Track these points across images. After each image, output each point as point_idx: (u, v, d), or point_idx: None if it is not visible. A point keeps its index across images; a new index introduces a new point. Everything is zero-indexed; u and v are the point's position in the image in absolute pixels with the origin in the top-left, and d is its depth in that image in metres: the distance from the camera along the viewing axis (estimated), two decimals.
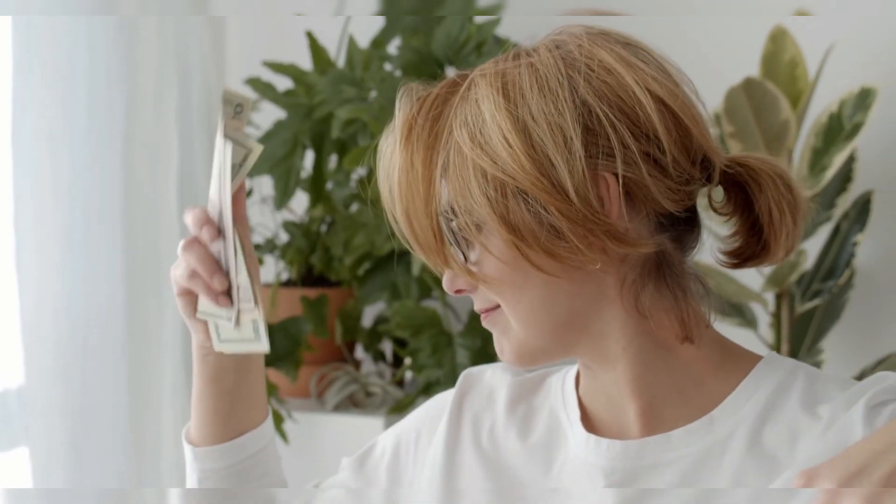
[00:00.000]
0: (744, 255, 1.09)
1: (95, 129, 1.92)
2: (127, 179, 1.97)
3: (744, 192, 1.07)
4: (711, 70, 1.67)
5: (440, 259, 1.06)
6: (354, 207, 2.13)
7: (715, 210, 1.09)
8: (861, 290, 1.99)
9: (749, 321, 1.98)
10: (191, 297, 1.11)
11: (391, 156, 1.06)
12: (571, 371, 1.15)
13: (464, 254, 1.05)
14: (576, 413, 1.12)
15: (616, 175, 1.01)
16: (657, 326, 1.06)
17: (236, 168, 1.07)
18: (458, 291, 1.09)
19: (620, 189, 1.01)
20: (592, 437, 1.09)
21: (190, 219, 1.09)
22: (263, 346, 1.07)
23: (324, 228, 2.19)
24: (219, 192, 1.08)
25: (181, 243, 1.09)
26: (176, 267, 1.11)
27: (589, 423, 1.11)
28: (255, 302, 1.06)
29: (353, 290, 2.16)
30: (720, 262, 1.10)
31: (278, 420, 2.03)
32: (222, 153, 1.06)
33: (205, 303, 1.10)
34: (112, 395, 1.96)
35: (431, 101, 1.05)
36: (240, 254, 1.07)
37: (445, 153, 1.03)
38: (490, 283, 1.05)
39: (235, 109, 1.06)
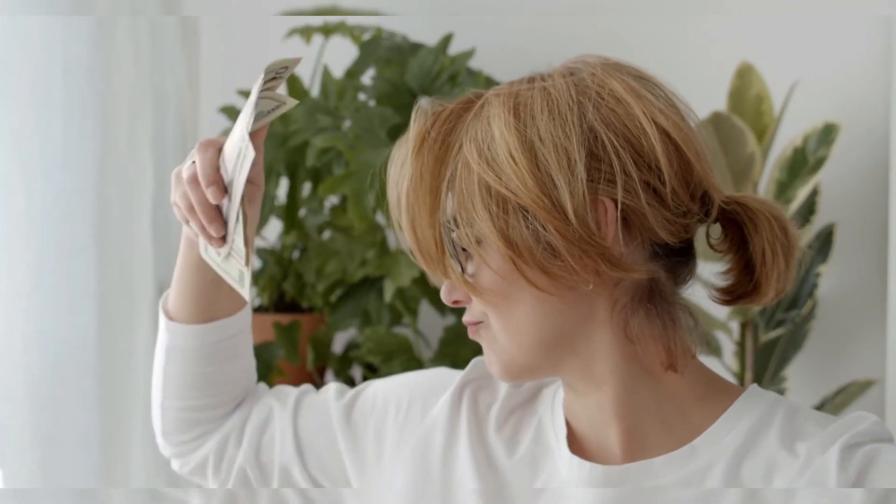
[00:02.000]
0: (735, 293, 1.12)
1: (70, 158, 1.93)
2: (101, 208, 1.98)
3: (740, 230, 1.10)
4: None
5: (439, 268, 1.09)
6: (327, 235, 2.16)
7: (711, 247, 1.11)
8: (823, 319, 2.03)
9: (714, 349, 2.02)
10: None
11: (402, 166, 1.09)
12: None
13: (462, 265, 1.08)
14: (563, 430, 1.14)
15: (615, 201, 1.04)
16: (643, 352, 1.09)
17: (263, 115, 1.10)
18: (455, 302, 1.11)
19: (618, 214, 1.04)
20: (576, 459, 1.12)
21: (200, 166, 1.11)
22: (245, 294, 1.09)
23: (296, 255, 2.21)
24: (236, 160, 1.10)
25: (186, 175, 1.11)
26: (178, 185, 1.13)
27: (574, 440, 1.14)
28: (246, 262, 1.09)
29: (324, 317, 2.18)
30: (713, 299, 1.13)
31: None
32: (246, 122, 1.09)
33: None
34: (83, 421, 1.96)
35: (446, 116, 1.08)
36: (240, 224, 1.10)
37: (454, 166, 1.07)
38: (484, 294, 1.07)
39: (277, 73, 1.10)
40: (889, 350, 1.91)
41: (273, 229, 2.25)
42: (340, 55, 2.21)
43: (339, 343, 2.25)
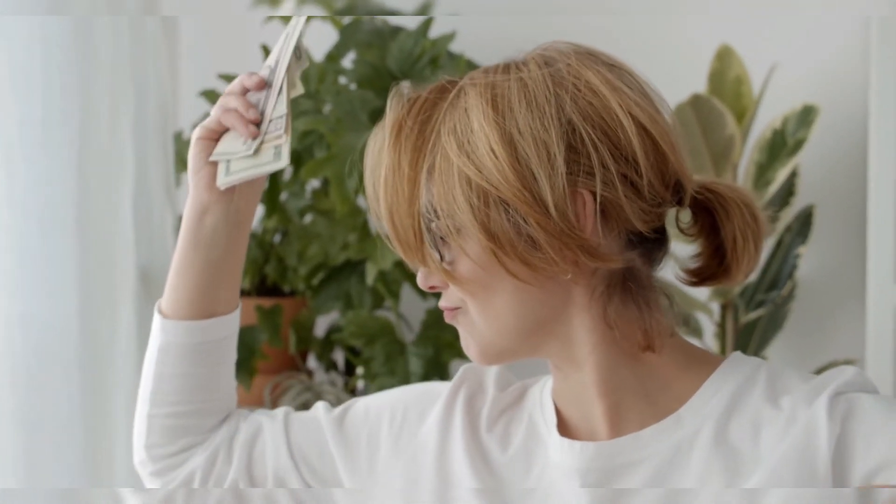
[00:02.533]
0: (704, 275, 1.14)
1: (50, 142, 1.93)
2: (81, 192, 1.98)
3: (711, 217, 1.12)
4: (660, 86, 1.71)
5: (418, 257, 1.09)
6: (309, 218, 2.16)
7: (681, 231, 1.13)
8: (803, 300, 2.04)
9: (694, 330, 2.03)
10: (209, 143, 1.16)
11: (378, 154, 1.10)
12: (550, 381, 1.18)
13: (440, 253, 1.09)
14: (552, 419, 1.15)
15: (594, 193, 1.05)
16: (622, 336, 1.10)
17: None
18: (431, 288, 1.12)
19: (597, 207, 1.06)
20: (566, 440, 1.13)
21: (241, 76, 1.16)
22: (283, 162, 1.11)
23: (278, 239, 2.21)
24: (280, 48, 1.15)
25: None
26: (205, 119, 1.17)
27: (564, 426, 1.15)
28: (286, 130, 1.11)
29: (306, 300, 2.18)
30: (681, 280, 1.14)
31: None
32: (294, 28, 1.14)
33: (223, 143, 1.15)
34: (66, 406, 1.96)
35: (421, 105, 1.09)
36: (285, 88, 1.13)
37: (432, 157, 1.07)
38: (463, 283, 1.08)
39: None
40: (868, 330, 1.92)
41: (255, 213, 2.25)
42: (321, 39, 2.21)
43: (321, 326, 2.26)
